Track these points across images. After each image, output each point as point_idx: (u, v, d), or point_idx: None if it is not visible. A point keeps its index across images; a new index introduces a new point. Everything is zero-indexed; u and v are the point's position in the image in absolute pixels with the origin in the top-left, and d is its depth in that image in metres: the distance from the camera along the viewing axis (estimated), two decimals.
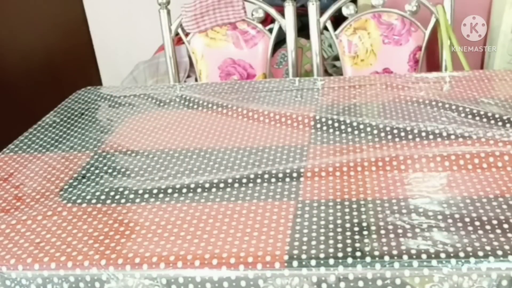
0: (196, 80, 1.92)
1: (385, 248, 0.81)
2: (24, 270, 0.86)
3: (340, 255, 0.80)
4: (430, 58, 1.84)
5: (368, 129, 1.18)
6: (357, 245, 0.82)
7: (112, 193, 1.04)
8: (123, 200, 1.02)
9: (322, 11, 1.75)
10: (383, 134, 1.16)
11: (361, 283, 0.79)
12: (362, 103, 1.34)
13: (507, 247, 0.79)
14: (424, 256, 0.78)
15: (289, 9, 1.74)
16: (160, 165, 1.13)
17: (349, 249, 0.81)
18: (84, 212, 0.99)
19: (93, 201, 1.02)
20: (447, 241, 0.81)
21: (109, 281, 0.84)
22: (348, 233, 0.85)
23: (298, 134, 1.21)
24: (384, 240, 0.83)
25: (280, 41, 1.86)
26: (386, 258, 0.79)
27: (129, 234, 0.91)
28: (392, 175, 1.02)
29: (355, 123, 1.21)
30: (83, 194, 1.05)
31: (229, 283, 0.81)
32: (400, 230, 0.85)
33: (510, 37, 1.85)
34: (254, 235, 0.87)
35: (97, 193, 1.05)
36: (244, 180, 1.03)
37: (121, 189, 1.05)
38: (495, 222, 0.85)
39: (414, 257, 0.78)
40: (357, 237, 0.84)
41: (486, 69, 1.89)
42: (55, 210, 1.00)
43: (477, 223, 0.85)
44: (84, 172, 1.14)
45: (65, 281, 0.86)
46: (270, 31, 1.79)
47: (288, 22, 1.76)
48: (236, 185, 1.02)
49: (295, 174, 1.04)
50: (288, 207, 0.94)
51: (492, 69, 1.82)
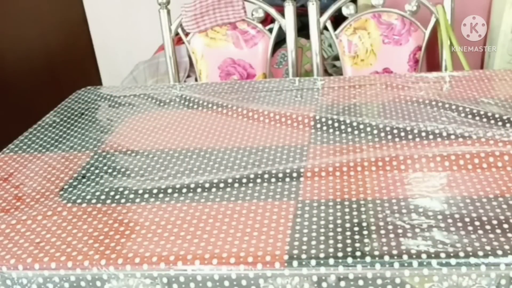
0: (196, 80, 1.92)
1: (385, 248, 0.81)
2: (24, 270, 0.86)
3: (340, 255, 0.80)
4: (430, 58, 1.84)
5: (368, 129, 1.18)
6: (357, 245, 0.82)
7: (112, 193, 1.04)
8: (123, 200, 1.02)
9: (322, 11, 1.75)
10: (383, 134, 1.16)
11: (361, 282, 0.79)
12: (362, 103, 1.34)
13: (507, 247, 0.79)
14: (424, 256, 0.78)
15: (289, 9, 1.74)
16: (160, 165, 1.13)
17: (349, 249, 0.81)
18: (84, 212, 0.99)
19: (93, 201, 1.02)
20: (447, 241, 0.81)
21: (110, 280, 0.85)
22: (348, 233, 0.85)
23: (298, 134, 1.21)
24: (384, 240, 0.83)
25: (280, 41, 1.86)
26: (386, 258, 0.79)
27: (129, 234, 0.91)
28: (392, 175, 1.02)
29: (355, 123, 1.21)
30: (83, 194, 1.05)
31: (229, 281, 0.82)
32: (400, 230, 0.85)
33: (510, 37, 1.85)
34: (254, 235, 0.87)
35: (97, 193, 1.05)
36: (244, 180, 1.03)
37: (121, 189, 1.05)
38: (495, 222, 0.85)
39: (414, 257, 0.78)
40: (357, 237, 0.84)
41: (486, 69, 1.88)
42: (55, 210, 1.00)
43: (477, 223, 0.85)
44: (84, 172, 1.14)
45: (65, 280, 0.86)
46: (270, 31, 1.79)
47: (288, 22, 1.76)
48: (236, 185, 1.02)
49: (295, 174, 1.04)
50: (288, 207, 0.94)
51: (492, 69, 1.82)
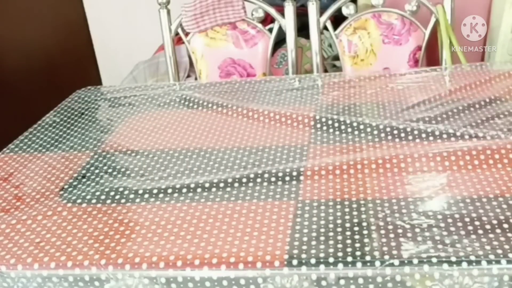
0: (196, 79, 1.92)
1: (385, 248, 0.81)
2: (23, 269, 0.86)
3: (340, 254, 0.80)
4: (430, 58, 1.84)
5: (368, 129, 1.18)
6: (357, 245, 0.82)
7: (112, 193, 1.04)
8: (123, 200, 1.02)
9: (322, 11, 1.75)
10: (383, 134, 1.16)
11: (360, 280, 0.79)
12: (362, 103, 1.34)
13: (507, 247, 0.79)
14: (424, 256, 0.78)
15: (289, 9, 1.74)
16: (160, 165, 1.13)
17: (349, 249, 0.81)
18: (84, 212, 0.99)
19: (93, 201, 1.02)
20: (447, 241, 0.81)
21: (109, 280, 0.84)
22: (348, 233, 0.85)
23: (298, 134, 1.21)
24: (384, 240, 0.83)
25: (280, 40, 1.86)
26: (386, 258, 0.79)
27: (129, 234, 0.91)
28: (392, 175, 1.02)
29: (355, 123, 1.20)
30: (83, 194, 1.05)
31: (228, 281, 0.81)
32: (400, 230, 0.85)
33: (510, 37, 1.85)
34: (254, 235, 0.87)
35: (97, 193, 1.05)
36: (244, 180, 1.03)
37: (121, 189, 1.05)
38: (495, 222, 0.85)
39: (414, 256, 0.78)
40: (357, 237, 0.84)
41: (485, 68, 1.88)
42: (55, 210, 1.00)
43: (477, 223, 0.85)
44: (84, 172, 1.14)
45: (64, 280, 0.86)
46: (270, 30, 1.79)
47: (288, 22, 1.76)
48: (236, 185, 1.02)
49: (295, 174, 1.04)
50: (288, 207, 0.94)
51: (491, 68, 1.81)
